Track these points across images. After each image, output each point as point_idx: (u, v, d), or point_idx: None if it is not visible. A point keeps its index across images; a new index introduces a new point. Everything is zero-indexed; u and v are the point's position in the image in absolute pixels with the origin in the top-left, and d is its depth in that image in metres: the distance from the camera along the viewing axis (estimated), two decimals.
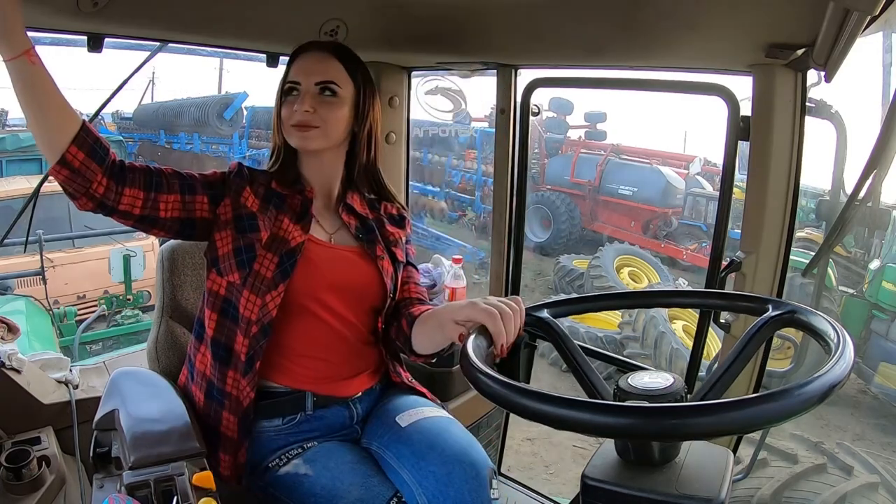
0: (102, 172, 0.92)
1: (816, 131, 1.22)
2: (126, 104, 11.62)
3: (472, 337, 0.82)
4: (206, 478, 0.80)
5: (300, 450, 1.02)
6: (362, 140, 1.10)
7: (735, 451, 1.32)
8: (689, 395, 0.71)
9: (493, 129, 1.61)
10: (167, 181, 1.00)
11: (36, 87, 0.85)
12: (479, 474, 0.95)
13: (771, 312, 0.76)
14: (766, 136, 1.11)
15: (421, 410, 1.06)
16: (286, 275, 1.01)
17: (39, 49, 0.84)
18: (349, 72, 1.07)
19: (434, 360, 1.10)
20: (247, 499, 1.05)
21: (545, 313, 0.88)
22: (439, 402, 1.16)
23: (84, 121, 0.91)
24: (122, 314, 5.60)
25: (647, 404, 0.63)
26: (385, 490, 0.96)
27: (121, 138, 9.68)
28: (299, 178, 1.11)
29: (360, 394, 1.10)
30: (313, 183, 1.11)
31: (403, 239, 1.18)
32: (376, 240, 1.12)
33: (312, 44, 1.09)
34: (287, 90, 1.06)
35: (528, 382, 0.93)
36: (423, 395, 1.16)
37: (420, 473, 0.96)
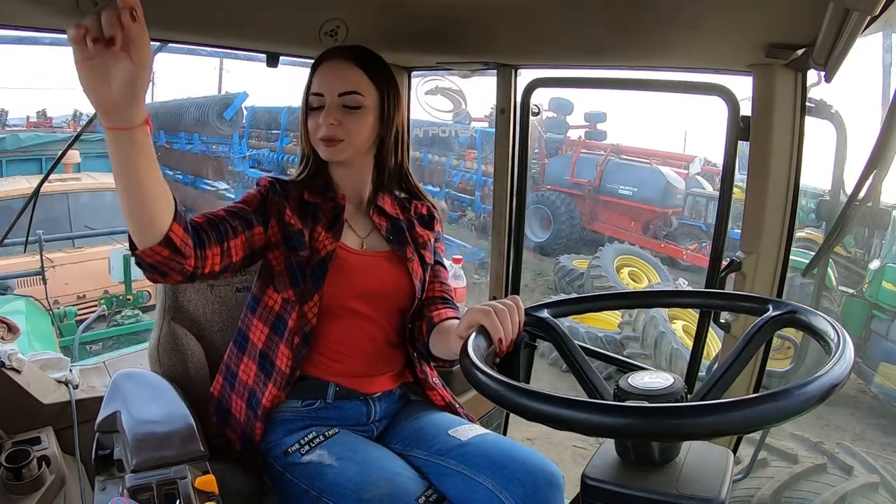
0: (192, 245, 0.87)
1: (816, 131, 1.22)
2: None
3: (471, 337, 0.82)
4: (208, 481, 0.81)
5: (322, 438, 1.03)
6: (389, 145, 1.11)
7: (735, 451, 1.32)
8: (689, 395, 0.71)
9: (493, 129, 1.60)
10: (230, 226, 0.98)
11: (148, 159, 0.75)
12: (559, 484, 0.99)
13: (771, 312, 0.76)
14: (766, 136, 1.11)
15: (473, 428, 1.08)
16: (318, 285, 1.03)
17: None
18: (371, 78, 1.07)
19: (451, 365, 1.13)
20: (262, 481, 1.07)
21: (545, 313, 0.88)
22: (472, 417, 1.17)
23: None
24: (122, 314, 5.60)
25: (647, 404, 0.63)
26: (415, 486, 0.97)
27: None
28: (330, 185, 1.12)
29: (380, 393, 1.12)
30: (344, 188, 1.12)
31: (432, 240, 1.19)
32: (406, 241, 1.13)
33: (334, 51, 1.08)
34: (312, 101, 1.07)
35: (528, 382, 0.93)
36: (449, 406, 1.17)
37: (504, 479, 0.97)
